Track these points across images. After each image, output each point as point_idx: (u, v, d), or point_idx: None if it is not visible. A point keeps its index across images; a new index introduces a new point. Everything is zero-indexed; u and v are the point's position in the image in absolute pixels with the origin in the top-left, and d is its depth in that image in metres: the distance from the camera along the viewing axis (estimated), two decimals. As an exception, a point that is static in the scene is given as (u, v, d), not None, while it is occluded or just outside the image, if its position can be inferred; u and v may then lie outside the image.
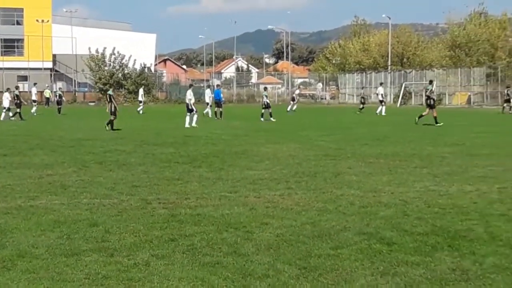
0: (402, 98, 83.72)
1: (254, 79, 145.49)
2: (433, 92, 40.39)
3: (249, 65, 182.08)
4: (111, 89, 39.10)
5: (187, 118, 38.00)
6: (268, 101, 47.85)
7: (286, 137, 29.81)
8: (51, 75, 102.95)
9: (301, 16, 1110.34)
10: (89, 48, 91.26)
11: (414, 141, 27.10)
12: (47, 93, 76.42)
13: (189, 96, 38.99)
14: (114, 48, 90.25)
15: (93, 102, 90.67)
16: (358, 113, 57.86)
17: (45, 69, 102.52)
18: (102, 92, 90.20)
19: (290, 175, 16.84)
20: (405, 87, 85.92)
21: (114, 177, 16.57)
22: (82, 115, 57.67)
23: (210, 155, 21.64)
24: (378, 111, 56.67)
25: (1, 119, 47.07)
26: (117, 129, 34.54)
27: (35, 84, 71.10)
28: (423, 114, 39.13)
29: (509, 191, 13.97)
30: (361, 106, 61.77)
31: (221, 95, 52.11)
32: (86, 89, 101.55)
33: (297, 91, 70.22)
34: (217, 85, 62.03)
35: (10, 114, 47.53)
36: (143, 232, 10.33)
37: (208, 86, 69.45)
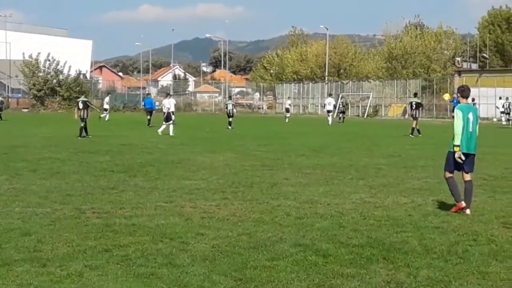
0: (338, 109, 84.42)
1: (191, 88, 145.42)
2: (420, 105, 41.73)
3: (186, 73, 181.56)
4: (83, 96, 39.23)
5: (164, 127, 38.22)
6: (234, 110, 49.56)
7: (223, 146, 29.76)
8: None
9: (239, 25, 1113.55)
10: (23, 54, 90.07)
11: (351, 152, 27.29)
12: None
13: (167, 105, 39.39)
14: (49, 54, 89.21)
15: (27, 108, 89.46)
16: (340, 123, 61.00)
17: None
18: (36, 98, 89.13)
19: (226, 185, 16.78)
20: (341, 98, 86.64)
21: (48, 185, 16.31)
22: (16, 121, 56.77)
23: (146, 164, 21.48)
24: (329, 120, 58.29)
25: None
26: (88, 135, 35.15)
27: None
28: (413, 126, 39.43)
29: (443, 203, 14.10)
30: (341, 116, 65.48)
31: (153, 103, 53.45)
32: (19, 95, 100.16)
33: (289, 101, 69.34)
34: (147, 94, 63.31)
35: None
36: (77, 242, 10.15)
37: (148, 94, 69.52)
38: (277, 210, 13.18)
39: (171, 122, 38.44)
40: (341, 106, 70.46)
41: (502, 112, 61.75)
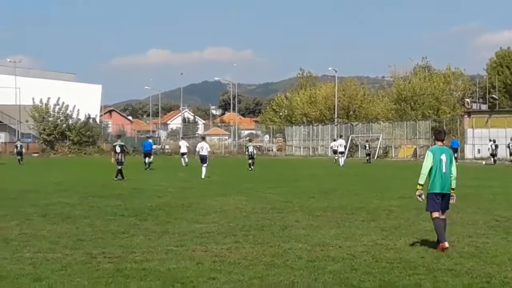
0: (348, 150, 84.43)
1: (200, 131, 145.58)
2: None
3: (196, 116, 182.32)
4: (119, 140, 39.87)
5: (201, 169, 38.85)
6: (254, 151, 51.27)
7: (233, 189, 29.72)
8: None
9: (247, 68, 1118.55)
10: (33, 99, 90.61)
11: (361, 194, 27.20)
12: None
13: (208, 148, 41.08)
14: (58, 99, 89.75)
15: (37, 153, 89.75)
16: (367, 163, 64.67)
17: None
18: (46, 143, 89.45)
19: (237, 228, 16.73)
20: (351, 140, 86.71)
21: (58, 230, 16.29)
22: (26, 166, 56.91)
23: (156, 208, 21.45)
24: (340, 161, 59.08)
25: None
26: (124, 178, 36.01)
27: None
28: None
29: (455, 245, 14.00)
30: (368, 158, 68.84)
31: (152, 147, 55.40)
32: (29, 139, 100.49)
33: (343, 142, 66.95)
34: (147, 137, 64.50)
35: None
36: (88, 287, 10.12)
37: (183, 138, 70.24)
38: (289, 253, 13.12)
39: (206, 164, 39.05)
40: (367, 148, 72.52)
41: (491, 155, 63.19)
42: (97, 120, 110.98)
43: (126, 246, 13.86)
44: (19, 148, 65.41)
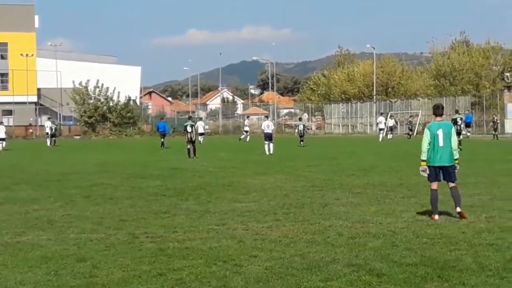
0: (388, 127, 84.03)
1: (239, 110, 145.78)
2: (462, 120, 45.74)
3: (235, 96, 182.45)
4: (190, 120, 42.50)
5: (269, 146, 41.37)
6: (304, 130, 55.53)
7: (273, 168, 29.79)
8: (36, 109, 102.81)
9: (285, 47, 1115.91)
10: (73, 81, 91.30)
11: (401, 170, 27.12)
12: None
13: (272, 126, 44.03)
14: (98, 81, 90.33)
15: (79, 135, 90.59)
16: (408, 138, 65.86)
17: (29, 103, 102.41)
18: (87, 125, 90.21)
19: (277, 206, 16.81)
20: (390, 117, 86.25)
21: (101, 211, 16.49)
22: (68, 148, 57.48)
23: (197, 188, 21.59)
24: (380, 137, 62.65)
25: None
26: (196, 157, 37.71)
27: (49, 118, 72.00)
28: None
29: (496, 220, 13.97)
30: (409, 132, 71.49)
31: (166, 127, 57.56)
32: (71, 122, 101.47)
33: (383, 119, 68.41)
34: (161, 118, 66.57)
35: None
36: (131, 266, 10.26)
37: (200, 119, 72.00)
38: (329, 230, 13.17)
39: (272, 141, 41.46)
40: (409, 124, 75.90)
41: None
42: (137, 101, 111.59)
43: (168, 226, 14.00)
44: (53, 130, 65.33)
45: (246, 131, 70.49)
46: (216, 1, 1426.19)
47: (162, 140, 53.34)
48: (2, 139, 55.02)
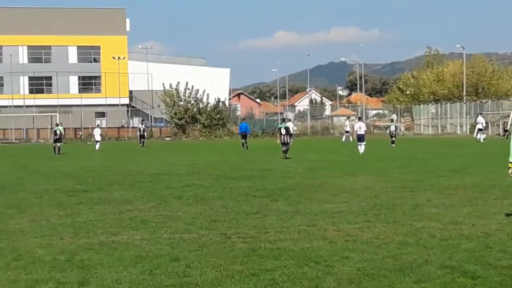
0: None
1: (327, 112, 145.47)
2: None
3: (323, 98, 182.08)
4: (284, 122, 43.48)
5: (361, 147, 42.06)
6: (396, 130, 56.48)
7: (362, 169, 29.66)
8: (127, 111, 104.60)
9: (373, 48, 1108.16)
10: (163, 84, 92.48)
11: (493, 171, 26.63)
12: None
13: (364, 127, 44.67)
14: (187, 83, 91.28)
15: (169, 137, 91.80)
16: (503, 138, 63.20)
17: (121, 105, 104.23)
18: (178, 126, 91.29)
19: (368, 207, 16.74)
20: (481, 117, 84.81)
21: (193, 211, 16.70)
22: (159, 150, 58.29)
23: (287, 189, 21.65)
24: (478, 137, 62.45)
25: (96, 149, 55.01)
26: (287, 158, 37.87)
27: (142, 120, 73.70)
28: None
29: None
30: (505, 133, 68.47)
31: (248, 128, 58.71)
32: (162, 124, 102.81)
33: (482, 119, 66.71)
34: (243, 119, 67.40)
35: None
36: (224, 266, 10.37)
37: (289, 120, 72.08)
38: (421, 232, 13.06)
39: (364, 142, 42.00)
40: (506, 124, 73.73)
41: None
42: (226, 103, 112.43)
43: (259, 226, 14.10)
44: (141, 131, 67.23)
45: (347, 132, 69.76)
46: (304, 3, 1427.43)
47: (244, 141, 54.11)
48: (98, 141, 56.53)
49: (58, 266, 10.69)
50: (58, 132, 53.34)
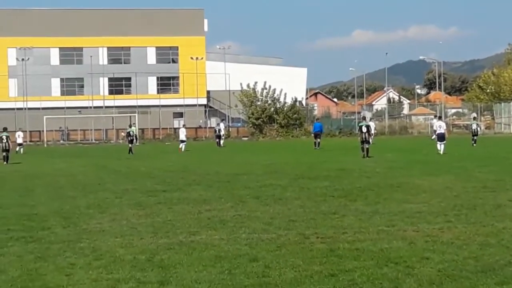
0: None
1: (405, 111, 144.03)
2: None
3: (401, 96, 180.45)
4: (364, 120, 43.60)
5: (441, 146, 41.57)
6: (478, 129, 56.08)
7: (441, 168, 29.26)
8: (205, 111, 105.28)
9: (452, 46, 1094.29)
10: (241, 84, 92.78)
11: None
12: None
13: (445, 126, 44.39)
14: (265, 83, 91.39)
15: (246, 137, 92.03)
16: None
17: (199, 105, 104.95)
18: (255, 126, 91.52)
19: (448, 208, 16.52)
20: None
21: (271, 211, 16.71)
22: (236, 150, 58.52)
23: (365, 189, 21.50)
24: None
25: (182, 150, 54.85)
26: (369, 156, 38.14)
27: (222, 120, 74.40)
28: None
29: None
30: None
31: (322, 127, 58.09)
32: (239, 124, 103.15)
33: None
34: (317, 119, 68.56)
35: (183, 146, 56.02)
36: (303, 267, 10.36)
37: (371, 119, 71.47)
38: (503, 232, 12.84)
39: (444, 142, 41.51)
40: None
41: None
42: (303, 103, 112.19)
43: (337, 227, 14.04)
44: (217, 131, 67.00)
45: (435, 131, 68.91)
46: (381, 1, 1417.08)
47: (316, 140, 53.90)
48: (183, 141, 56.91)
49: (139, 265, 10.83)
50: (131, 133, 53.97)
